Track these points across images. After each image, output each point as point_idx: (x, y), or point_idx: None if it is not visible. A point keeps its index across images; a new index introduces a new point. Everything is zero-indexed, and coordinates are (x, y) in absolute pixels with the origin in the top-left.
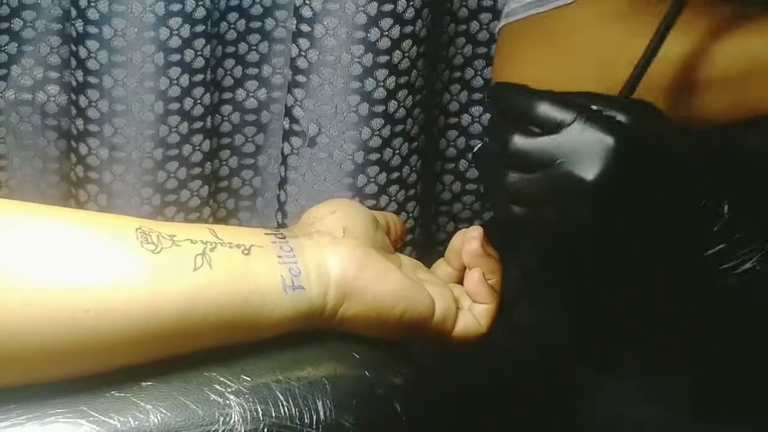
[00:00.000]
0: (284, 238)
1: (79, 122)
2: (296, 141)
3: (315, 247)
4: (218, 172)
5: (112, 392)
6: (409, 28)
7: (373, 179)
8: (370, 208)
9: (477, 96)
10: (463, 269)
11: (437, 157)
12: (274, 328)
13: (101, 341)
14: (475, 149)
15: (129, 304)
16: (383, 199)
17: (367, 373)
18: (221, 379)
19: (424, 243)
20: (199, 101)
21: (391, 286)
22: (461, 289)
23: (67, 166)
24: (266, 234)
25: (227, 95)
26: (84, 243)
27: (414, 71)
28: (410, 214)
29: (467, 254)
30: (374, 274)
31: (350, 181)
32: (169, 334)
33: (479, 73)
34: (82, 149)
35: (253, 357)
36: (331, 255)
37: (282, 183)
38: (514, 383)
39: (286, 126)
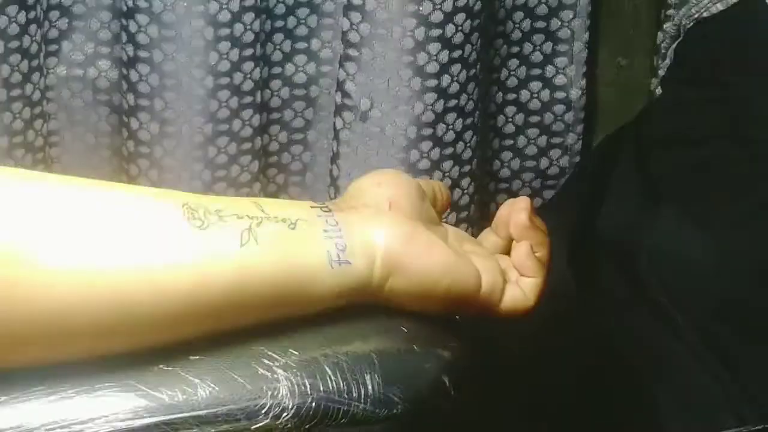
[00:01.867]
0: (330, 211)
1: (130, 97)
2: (348, 115)
3: (361, 221)
4: (268, 147)
5: (161, 366)
6: (462, 2)
7: (426, 154)
8: None
9: (535, 72)
10: (511, 239)
11: (495, 133)
12: (320, 302)
13: (150, 317)
14: None
15: (176, 282)
16: (437, 175)
17: (415, 347)
18: (269, 353)
19: (480, 219)
20: (248, 76)
21: (436, 259)
22: (508, 261)
23: (119, 141)
24: (312, 207)
25: (276, 70)
26: (131, 219)
27: (468, 45)
28: (465, 191)
29: (515, 226)
30: (420, 248)
31: (403, 155)
32: (216, 310)
33: (538, 48)
34: (133, 124)
35: (301, 332)
36: (376, 229)
37: (334, 158)
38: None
39: (338, 100)
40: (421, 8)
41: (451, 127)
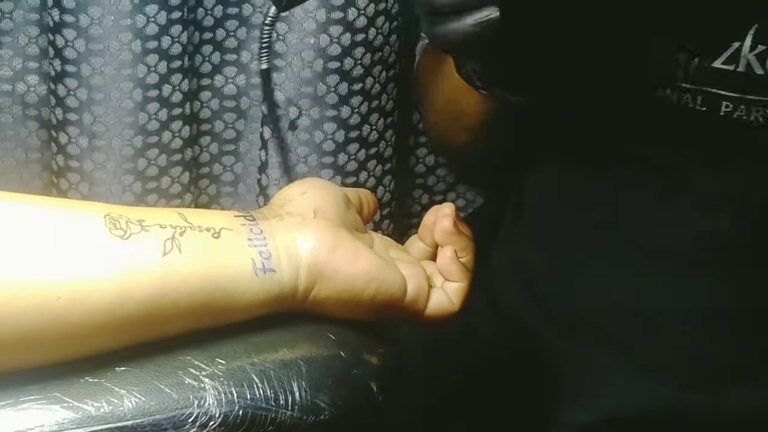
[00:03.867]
0: (254, 220)
1: (59, 111)
2: (275, 125)
3: (285, 229)
4: (199, 158)
5: (86, 378)
6: (382, 5)
7: (353, 156)
8: (351, 184)
9: None
10: (437, 246)
11: (411, 130)
12: (246, 311)
13: (73, 329)
14: None
15: (99, 292)
16: (362, 175)
17: (342, 354)
18: (195, 362)
19: (399, 215)
20: (177, 88)
21: (362, 267)
22: (434, 267)
23: (49, 155)
24: (236, 216)
25: (206, 81)
26: (52, 231)
27: (387, 47)
28: (387, 188)
29: (439, 232)
30: (345, 255)
31: (331, 160)
32: (140, 319)
33: None
34: (62, 138)
35: (228, 340)
36: (301, 237)
37: (263, 167)
38: (493, 363)
39: (264, 110)
40: (347, 15)
41: (374, 127)
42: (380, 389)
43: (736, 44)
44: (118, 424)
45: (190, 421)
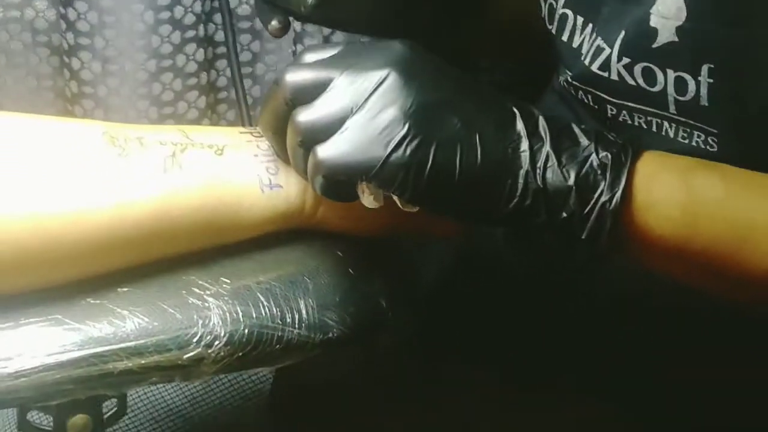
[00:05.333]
0: (261, 136)
1: (70, 36)
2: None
3: None
4: (216, 82)
5: (88, 299)
6: None
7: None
8: None
9: None
10: None
11: None
12: (252, 228)
13: (69, 249)
14: None
15: (96, 212)
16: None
17: (351, 271)
18: (200, 282)
19: None
20: (189, 9)
21: None
22: None
23: (61, 82)
24: (242, 133)
25: (218, 2)
26: (47, 148)
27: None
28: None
29: None
30: None
31: None
32: (140, 239)
33: None
34: (75, 64)
35: (234, 259)
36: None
37: None
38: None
39: None
40: None
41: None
42: (390, 306)
43: (608, 51)
44: (121, 345)
45: (194, 341)
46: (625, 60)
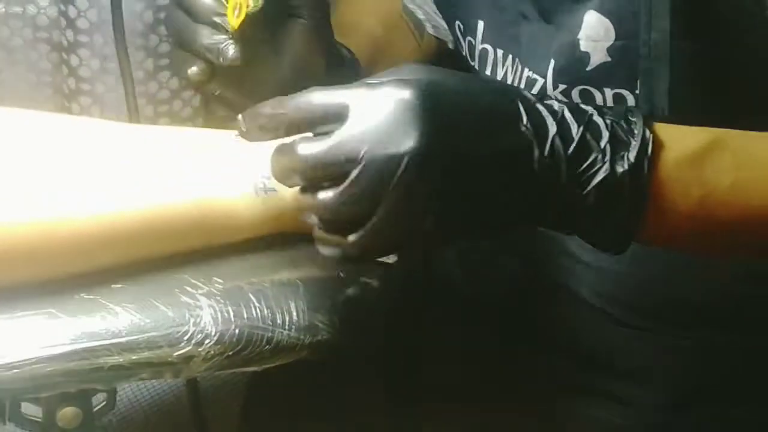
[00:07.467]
0: None
1: (69, 33)
2: None
3: None
4: None
5: (82, 294)
6: None
7: None
8: None
9: None
10: None
11: None
12: (245, 231)
13: (65, 244)
14: None
15: (91, 209)
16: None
17: (341, 274)
18: (192, 281)
19: None
20: None
21: None
22: None
23: (60, 78)
24: (237, 135)
25: None
26: (47, 147)
27: None
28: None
29: None
30: None
31: None
32: (134, 239)
33: None
34: (74, 61)
35: (227, 260)
36: None
37: None
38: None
39: None
40: None
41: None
42: (379, 310)
43: (541, 81)
44: (113, 341)
45: (185, 339)
46: (561, 86)
